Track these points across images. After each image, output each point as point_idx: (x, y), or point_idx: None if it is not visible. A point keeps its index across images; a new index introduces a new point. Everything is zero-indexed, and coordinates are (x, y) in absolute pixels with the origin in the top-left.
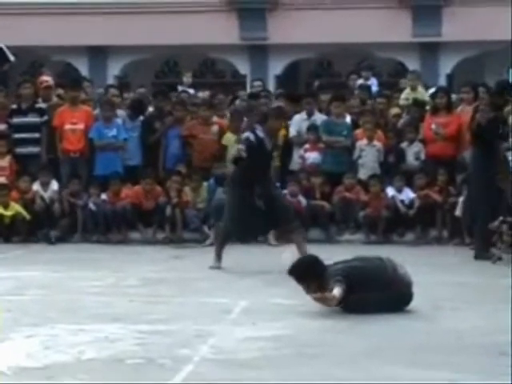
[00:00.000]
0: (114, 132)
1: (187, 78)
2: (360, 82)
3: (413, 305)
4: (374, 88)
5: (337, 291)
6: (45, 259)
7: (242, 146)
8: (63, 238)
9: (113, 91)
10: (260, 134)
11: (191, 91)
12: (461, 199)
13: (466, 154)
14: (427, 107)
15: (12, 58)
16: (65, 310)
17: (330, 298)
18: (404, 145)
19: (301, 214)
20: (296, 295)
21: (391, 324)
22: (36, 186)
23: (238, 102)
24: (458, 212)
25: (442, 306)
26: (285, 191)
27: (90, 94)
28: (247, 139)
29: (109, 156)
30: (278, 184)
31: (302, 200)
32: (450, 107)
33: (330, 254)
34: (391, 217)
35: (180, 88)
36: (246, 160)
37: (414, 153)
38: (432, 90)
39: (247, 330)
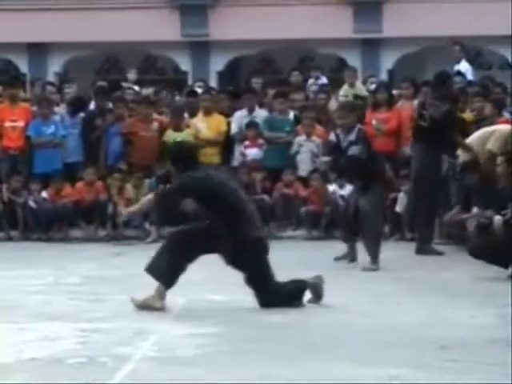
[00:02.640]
0: (52, 129)
1: (132, 75)
2: (311, 81)
3: (352, 299)
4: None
5: None
6: None
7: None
8: (3, 237)
9: (50, 88)
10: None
11: (136, 88)
12: (401, 195)
13: (405, 149)
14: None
15: None
16: (3, 309)
17: None
18: None
19: None
20: (233, 291)
21: (330, 319)
22: None
23: (177, 98)
24: (398, 208)
25: (382, 300)
26: None
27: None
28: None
29: (48, 153)
30: None
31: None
32: (390, 103)
33: (272, 250)
34: (333, 212)
35: (125, 85)
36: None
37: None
38: (372, 85)
39: (186, 327)
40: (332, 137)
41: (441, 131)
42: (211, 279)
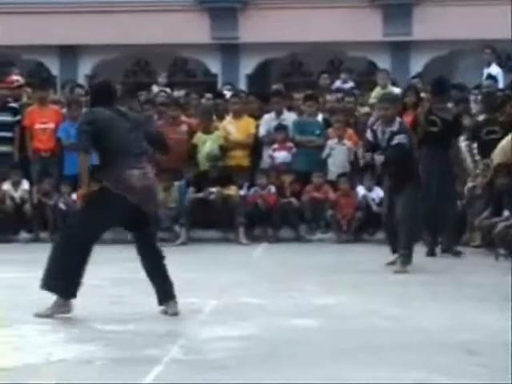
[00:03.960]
0: None
1: (162, 78)
2: (338, 84)
3: (381, 303)
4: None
5: None
6: (12, 259)
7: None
8: (33, 238)
9: (79, 91)
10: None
11: (168, 90)
12: None
13: None
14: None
15: None
16: (32, 311)
17: None
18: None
19: (272, 208)
20: (265, 295)
21: (359, 323)
22: (6, 186)
23: (204, 101)
24: None
25: (410, 304)
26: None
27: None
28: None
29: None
30: (248, 183)
31: (272, 189)
32: (417, 106)
33: (302, 253)
34: (363, 216)
35: (156, 88)
36: None
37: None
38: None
39: (217, 329)
40: (369, 134)
41: (450, 134)
42: (243, 282)
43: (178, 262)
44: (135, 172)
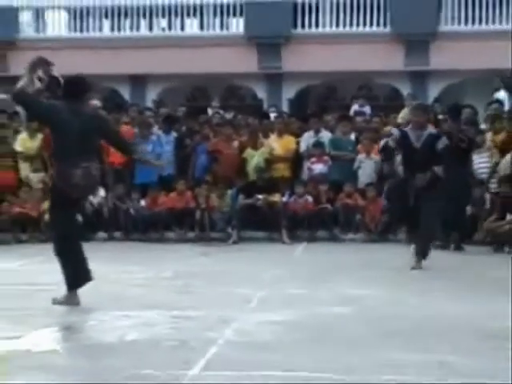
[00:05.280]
0: (150, 147)
1: (215, 103)
2: (355, 107)
3: (406, 294)
4: (368, 113)
5: None
6: (91, 256)
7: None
8: (108, 237)
9: (148, 113)
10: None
11: (221, 112)
12: None
13: None
14: None
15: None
16: (111, 299)
17: None
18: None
19: (308, 213)
20: (305, 287)
21: (389, 311)
22: None
23: (250, 120)
24: None
25: (433, 295)
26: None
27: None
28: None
29: (146, 167)
30: (289, 191)
31: (309, 198)
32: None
33: (336, 251)
34: (388, 219)
35: (211, 110)
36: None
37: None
38: None
39: (264, 316)
40: (394, 131)
41: (470, 151)
42: (286, 276)
43: (231, 258)
44: (78, 171)
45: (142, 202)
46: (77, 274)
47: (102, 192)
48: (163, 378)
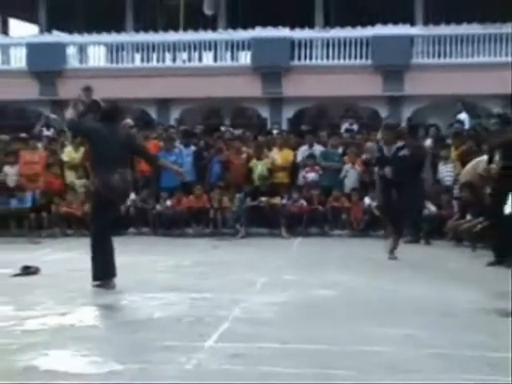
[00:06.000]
0: (173, 158)
1: (227, 121)
2: (346, 125)
3: (383, 280)
4: (356, 130)
5: None
6: (125, 248)
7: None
8: (136, 232)
9: (171, 130)
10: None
11: (231, 129)
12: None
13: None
14: None
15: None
16: (140, 283)
17: None
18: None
19: (303, 213)
20: (300, 274)
21: (367, 294)
22: None
23: (259, 137)
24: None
25: (402, 281)
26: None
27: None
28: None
29: (171, 174)
30: (287, 195)
31: (304, 202)
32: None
33: (326, 244)
34: (368, 218)
35: (223, 128)
36: None
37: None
38: None
39: (267, 297)
40: (371, 145)
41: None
42: (284, 265)
43: (239, 250)
44: (116, 176)
45: (168, 202)
46: (102, 267)
47: (132, 195)
48: (183, 348)
